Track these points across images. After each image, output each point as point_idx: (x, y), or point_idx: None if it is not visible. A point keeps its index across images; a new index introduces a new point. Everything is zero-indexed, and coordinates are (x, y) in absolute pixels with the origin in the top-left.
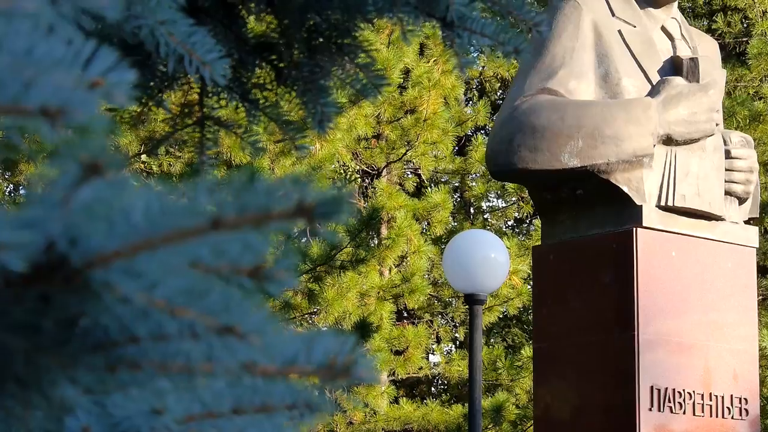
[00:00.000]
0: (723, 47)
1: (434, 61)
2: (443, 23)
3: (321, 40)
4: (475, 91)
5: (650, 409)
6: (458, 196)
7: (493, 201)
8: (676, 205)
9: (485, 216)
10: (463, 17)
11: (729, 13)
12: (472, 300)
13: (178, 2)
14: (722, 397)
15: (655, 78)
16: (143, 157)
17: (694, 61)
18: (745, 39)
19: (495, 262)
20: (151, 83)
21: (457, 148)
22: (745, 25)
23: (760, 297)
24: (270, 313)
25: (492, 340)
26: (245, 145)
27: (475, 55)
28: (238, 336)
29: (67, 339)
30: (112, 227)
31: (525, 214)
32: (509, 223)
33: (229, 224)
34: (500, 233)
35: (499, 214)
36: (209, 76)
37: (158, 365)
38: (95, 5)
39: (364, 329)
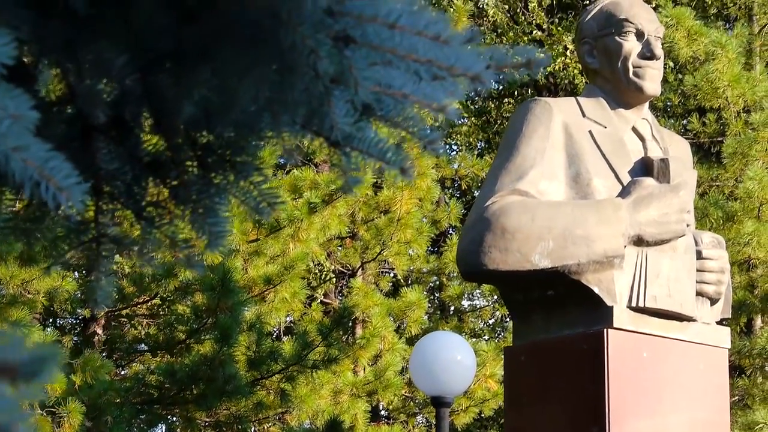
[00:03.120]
0: (699, 147)
1: (410, 162)
2: (329, 142)
3: (215, 157)
4: (450, 191)
5: None
6: (436, 297)
7: (473, 300)
8: (647, 306)
9: (460, 316)
10: (349, 136)
11: (704, 113)
12: (438, 402)
13: (31, 129)
14: None
15: (626, 178)
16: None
17: (664, 161)
18: (720, 139)
19: (461, 365)
20: None
21: (435, 247)
22: (720, 125)
23: (736, 398)
24: None
25: None
26: (140, 260)
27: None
28: None
29: None
30: None
31: (501, 315)
32: (490, 322)
33: None
34: (478, 333)
35: (476, 315)
36: (66, 202)
37: None
38: None
39: (336, 428)
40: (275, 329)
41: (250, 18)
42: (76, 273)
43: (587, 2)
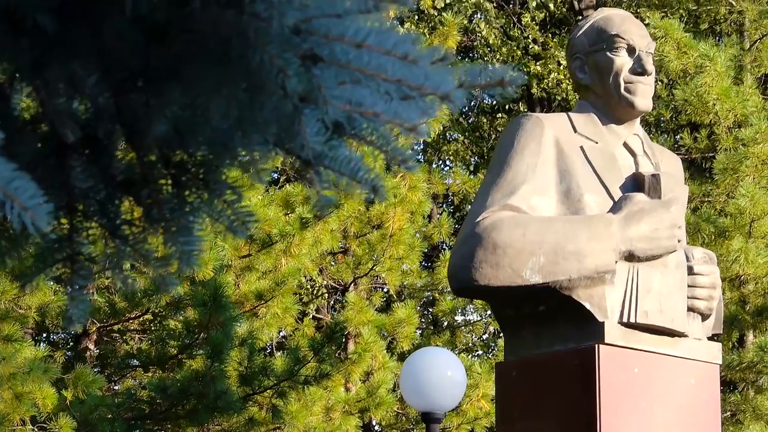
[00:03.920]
0: (691, 162)
1: (401, 176)
2: (301, 160)
3: (189, 176)
4: (443, 206)
5: None
6: (429, 312)
7: (466, 315)
8: (638, 321)
9: (453, 331)
10: (320, 155)
11: (696, 128)
12: (428, 418)
13: None
14: None
15: (617, 194)
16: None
17: (655, 177)
18: (711, 154)
19: (451, 381)
20: None
21: (429, 262)
22: (711, 141)
23: (728, 413)
24: None
25: None
26: (116, 279)
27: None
28: None
29: None
30: None
31: (494, 330)
32: (483, 337)
33: None
34: (471, 348)
35: (468, 330)
36: (31, 222)
37: None
38: None
39: None
40: (267, 345)
41: (219, 37)
42: (69, 288)
43: (579, 18)
